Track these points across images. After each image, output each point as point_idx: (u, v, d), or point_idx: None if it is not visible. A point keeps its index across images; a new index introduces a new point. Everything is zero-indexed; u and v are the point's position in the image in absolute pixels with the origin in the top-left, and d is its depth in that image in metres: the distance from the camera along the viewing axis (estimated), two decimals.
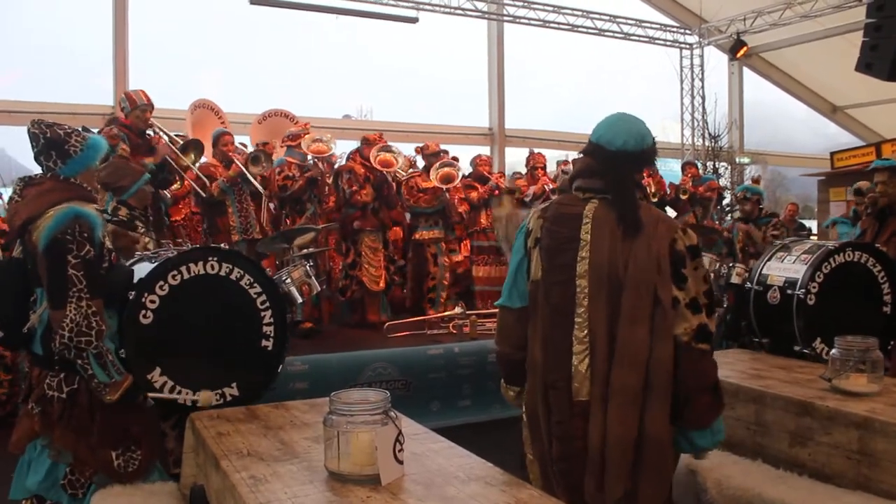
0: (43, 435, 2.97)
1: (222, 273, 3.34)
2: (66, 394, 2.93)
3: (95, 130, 6.94)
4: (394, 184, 7.45)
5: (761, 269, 4.35)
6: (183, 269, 3.24)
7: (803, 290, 3.98)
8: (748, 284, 4.38)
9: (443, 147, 8.17)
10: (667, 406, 2.37)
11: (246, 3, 10.99)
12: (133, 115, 5.85)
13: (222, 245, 3.74)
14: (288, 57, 13.75)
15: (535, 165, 8.63)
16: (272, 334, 3.47)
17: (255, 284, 3.42)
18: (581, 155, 2.66)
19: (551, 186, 8.21)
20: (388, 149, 7.37)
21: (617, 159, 2.49)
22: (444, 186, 7.32)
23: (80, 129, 3.25)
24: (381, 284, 7.17)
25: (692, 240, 2.45)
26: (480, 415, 6.10)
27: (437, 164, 7.56)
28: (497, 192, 8.05)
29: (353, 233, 7.14)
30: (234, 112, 9.34)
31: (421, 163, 7.99)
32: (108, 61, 10.93)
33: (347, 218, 7.20)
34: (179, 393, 3.18)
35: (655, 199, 8.69)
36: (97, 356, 2.88)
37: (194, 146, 6.43)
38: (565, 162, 8.92)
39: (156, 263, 3.27)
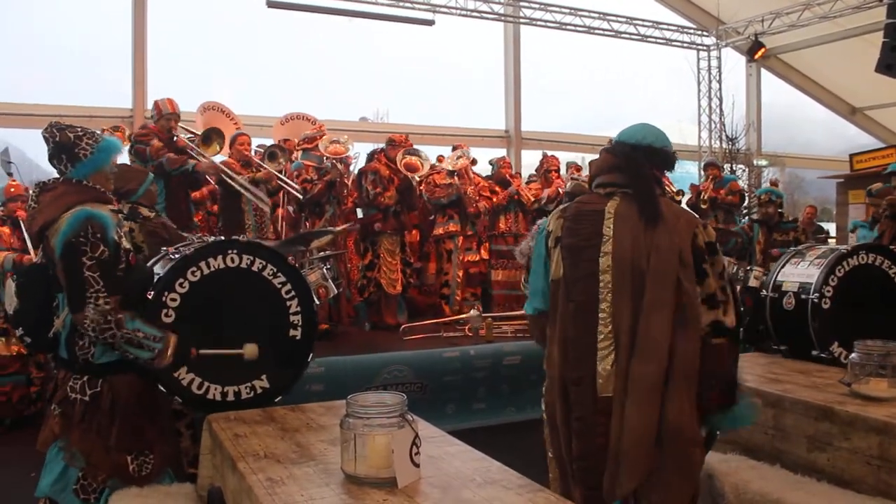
0: (61, 437, 2.98)
1: (243, 265, 3.25)
2: (88, 396, 2.95)
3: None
4: (417, 187, 7.52)
5: (776, 276, 4.32)
6: (202, 264, 3.17)
7: (817, 294, 3.95)
8: (764, 292, 4.35)
9: None
10: (690, 397, 2.36)
11: (262, 5, 11.07)
12: (160, 124, 6.29)
13: (241, 237, 3.70)
14: (304, 59, 13.87)
15: (548, 168, 8.61)
16: (300, 323, 3.37)
17: (279, 274, 3.32)
18: (600, 154, 2.66)
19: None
20: (414, 152, 7.41)
21: (637, 152, 2.53)
22: (456, 170, 7.51)
23: (98, 131, 3.26)
24: (399, 287, 7.21)
25: (710, 236, 2.46)
26: (495, 417, 6.11)
27: (454, 154, 7.72)
28: (517, 196, 8.08)
29: (372, 234, 7.17)
30: (251, 115, 9.39)
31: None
32: (127, 65, 11.09)
33: (367, 218, 7.23)
34: (207, 390, 3.16)
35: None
36: (128, 342, 2.87)
37: (216, 134, 6.53)
38: (577, 167, 8.87)
39: (174, 259, 3.22)
